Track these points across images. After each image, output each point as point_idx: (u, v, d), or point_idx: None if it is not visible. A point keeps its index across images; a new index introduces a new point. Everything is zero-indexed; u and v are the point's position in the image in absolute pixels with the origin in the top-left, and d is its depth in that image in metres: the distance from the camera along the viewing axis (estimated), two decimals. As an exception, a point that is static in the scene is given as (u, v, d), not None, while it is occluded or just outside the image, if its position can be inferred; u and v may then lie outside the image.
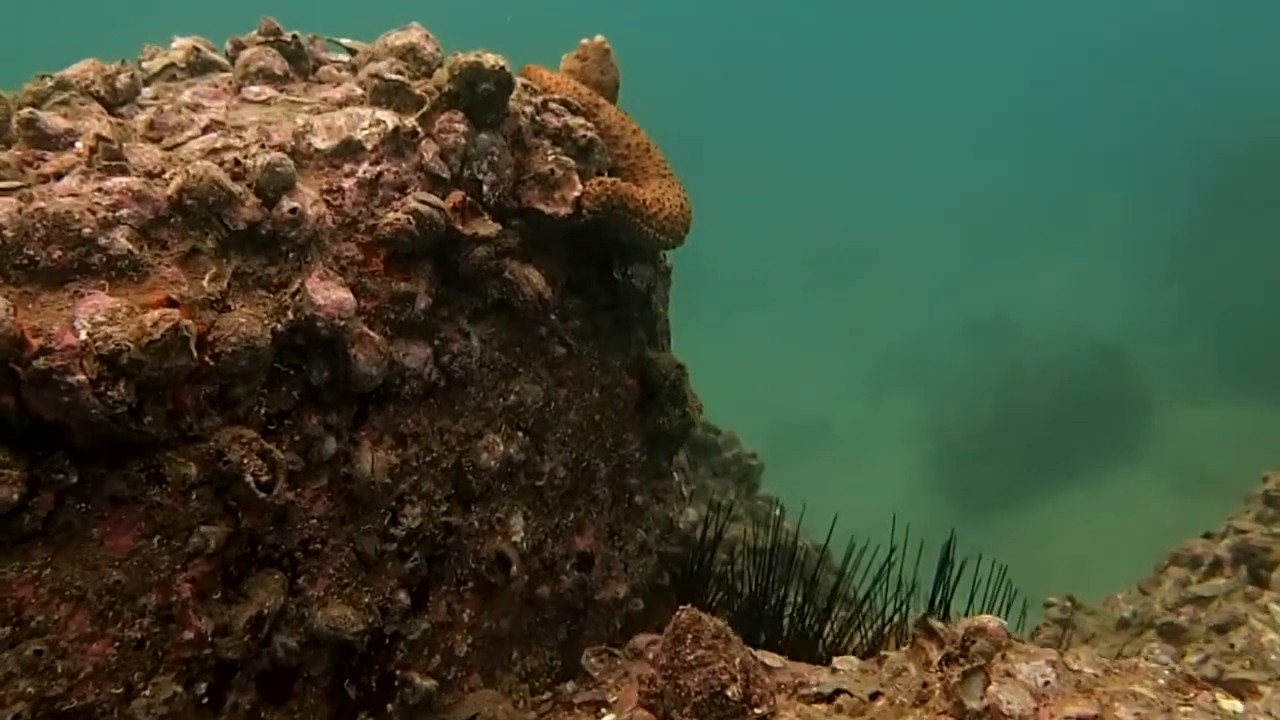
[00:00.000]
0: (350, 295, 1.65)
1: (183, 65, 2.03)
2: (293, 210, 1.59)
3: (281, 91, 1.94)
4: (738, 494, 6.78)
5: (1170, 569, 3.56)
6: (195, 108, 1.84)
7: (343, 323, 1.62)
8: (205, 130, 1.68)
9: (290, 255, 1.63)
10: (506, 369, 2.06)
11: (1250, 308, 16.53)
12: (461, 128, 1.88)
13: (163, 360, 1.36)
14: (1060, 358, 16.89)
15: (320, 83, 2.04)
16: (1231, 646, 2.71)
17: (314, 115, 1.82)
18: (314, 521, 1.69)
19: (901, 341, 20.30)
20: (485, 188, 1.94)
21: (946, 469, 16.09)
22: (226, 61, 2.08)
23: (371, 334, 1.72)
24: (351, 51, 2.17)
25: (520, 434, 2.09)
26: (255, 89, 1.92)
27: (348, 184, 1.75)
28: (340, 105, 1.90)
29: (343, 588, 1.74)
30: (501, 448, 2.02)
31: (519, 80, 2.15)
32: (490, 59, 1.87)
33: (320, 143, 1.76)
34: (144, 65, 2.02)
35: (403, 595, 1.84)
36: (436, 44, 2.03)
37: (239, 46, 2.03)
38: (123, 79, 1.75)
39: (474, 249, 1.87)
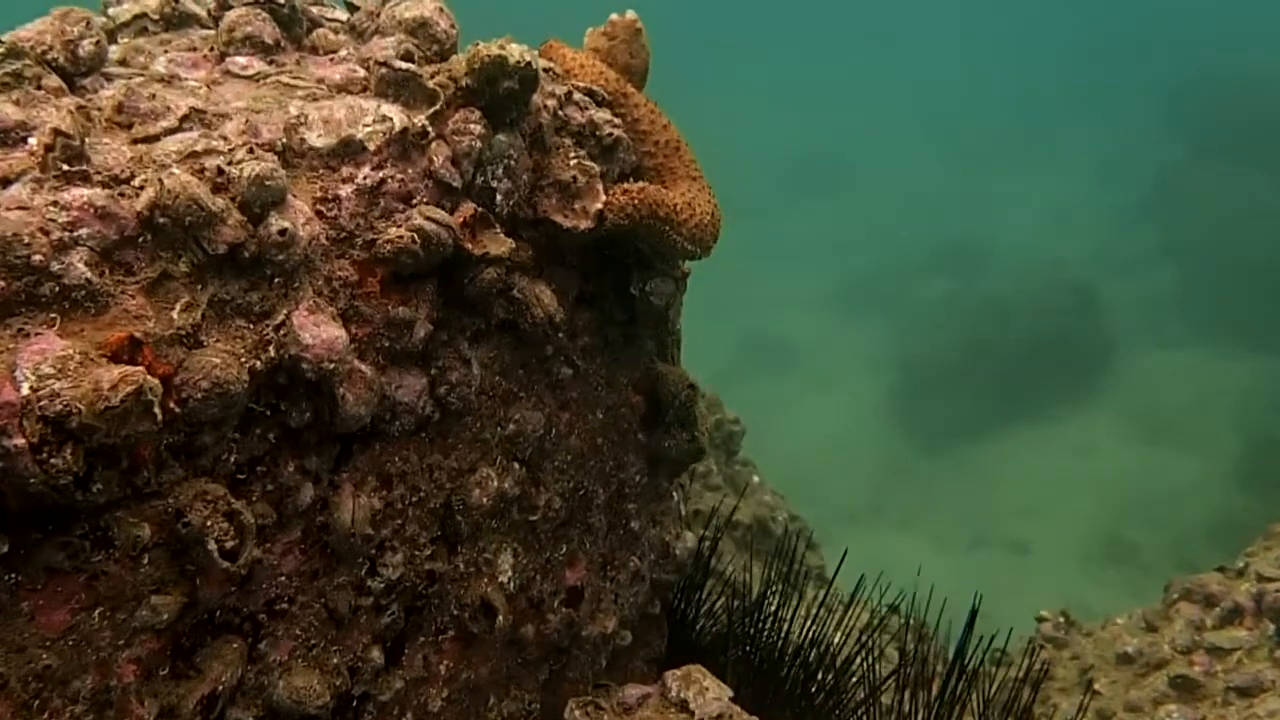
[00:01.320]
0: (343, 333, 1.45)
1: (156, 17, 1.78)
2: (282, 232, 1.38)
3: (272, 64, 1.71)
4: (718, 460, 6.66)
5: (1181, 605, 3.47)
6: (171, 81, 1.61)
7: (332, 365, 1.43)
8: (183, 120, 1.46)
9: (276, 281, 1.42)
10: (506, 395, 1.88)
11: (1223, 252, 16.49)
12: (478, 129, 1.67)
13: (120, 427, 1.16)
14: (1029, 291, 16.95)
15: (316, 52, 1.81)
16: None
17: (309, 102, 1.60)
18: (282, 579, 1.51)
19: (870, 264, 20.28)
20: (499, 197, 1.74)
21: (907, 399, 16.18)
22: (206, 15, 1.84)
23: (363, 368, 1.52)
24: (352, 7, 1.93)
25: (517, 465, 1.91)
26: (242, 60, 1.68)
27: (345, 191, 1.54)
28: (340, 90, 1.68)
29: (309, 649, 1.57)
30: (495, 483, 1.84)
31: (540, 64, 1.93)
32: (516, 53, 1.65)
33: (316, 139, 1.54)
34: (110, 12, 1.78)
35: (375, 653, 1.68)
36: (451, 19, 1.80)
37: (223, 5, 1.78)
38: (86, 45, 1.52)
39: (483, 270, 1.67)
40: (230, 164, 1.39)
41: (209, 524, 1.34)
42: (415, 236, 1.56)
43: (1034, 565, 12.98)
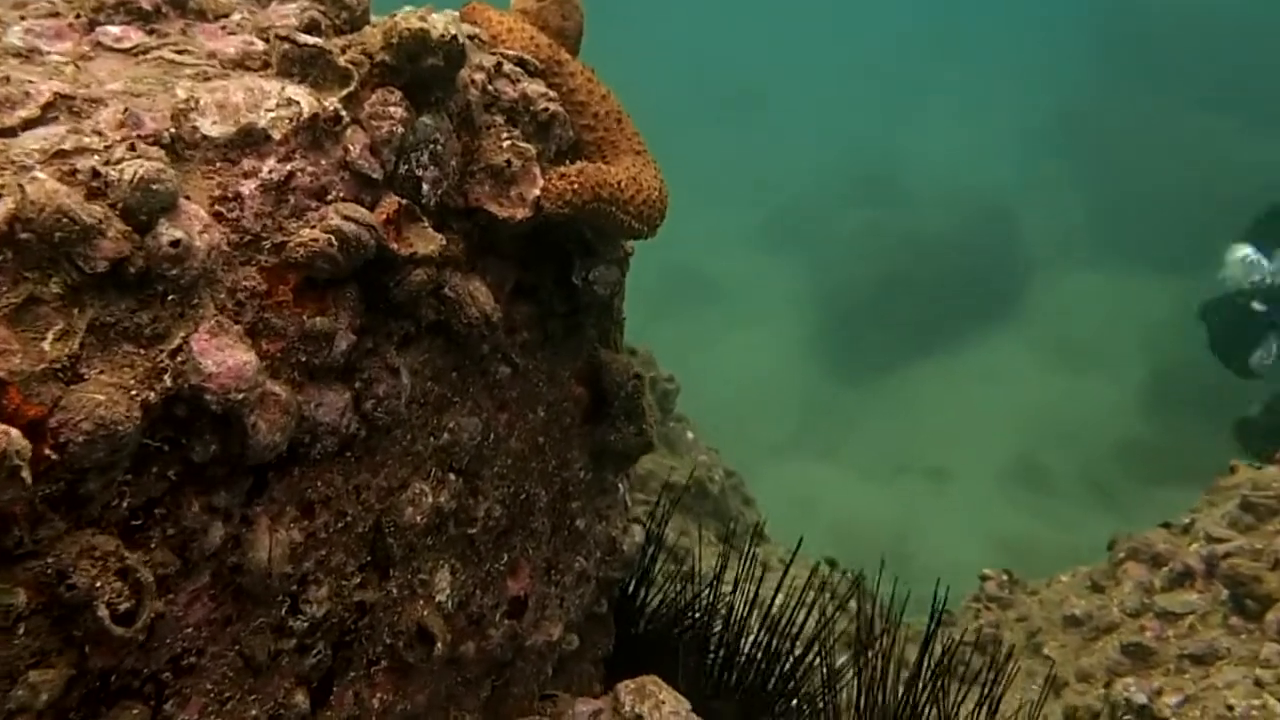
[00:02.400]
0: (252, 356, 1.27)
1: (19, -23, 1.55)
2: (175, 243, 1.20)
3: (152, 34, 1.50)
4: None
5: (1129, 565, 3.44)
6: (29, 57, 1.39)
7: (240, 395, 1.25)
8: (46, 109, 1.25)
9: (170, 299, 1.23)
10: (440, 401, 1.71)
11: (1134, 179, 16.70)
12: (398, 112, 1.48)
13: (-23, 496, 0.98)
14: (945, 222, 17.14)
15: (204, 18, 1.60)
16: (1230, 709, 2.58)
17: (200, 83, 1.40)
18: (189, 630, 1.34)
19: (791, 198, 20.32)
20: (425, 187, 1.56)
21: (829, 332, 16.31)
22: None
23: (276, 390, 1.35)
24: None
25: (453, 477, 1.75)
26: (116, 30, 1.47)
27: (248, 188, 1.35)
28: (235, 66, 1.48)
29: (223, 704, 1.40)
30: (430, 499, 1.68)
31: (465, 32, 1.74)
32: (439, 26, 1.46)
33: (210, 127, 1.34)
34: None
35: (300, 696, 1.52)
36: None
37: (96, -37, 1.56)
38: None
39: (412, 271, 1.50)
40: (108, 164, 1.19)
41: (98, 584, 1.17)
42: (332, 239, 1.38)
43: (954, 491, 13.25)
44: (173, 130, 1.31)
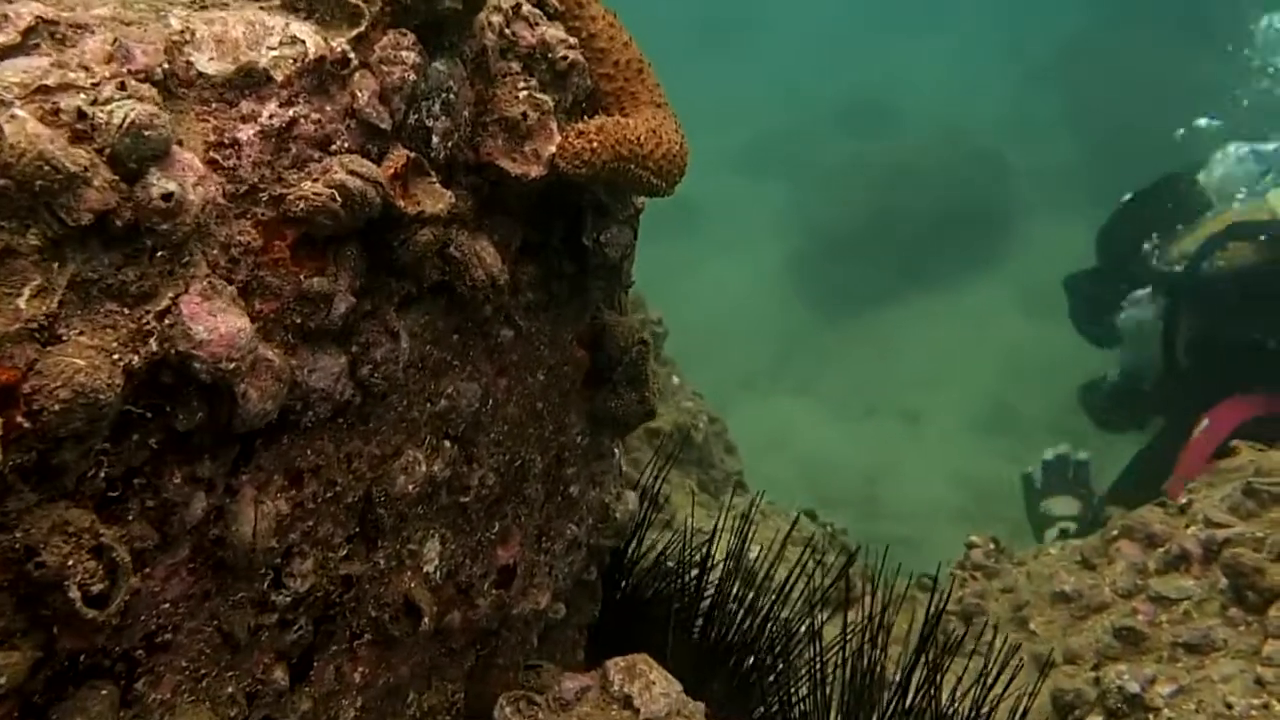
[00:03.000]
0: (245, 322, 1.18)
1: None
2: (167, 196, 1.10)
3: (148, -45, 1.38)
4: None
5: (1122, 544, 3.41)
6: (16, -25, 1.28)
7: (232, 365, 1.16)
8: (27, 35, 1.14)
9: (159, 255, 1.14)
10: (438, 365, 1.63)
11: (1126, 122, 16.49)
12: (411, 57, 1.38)
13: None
14: (934, 158, 17.00)
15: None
16: (1229, 707, 2.56)
17: (196, 12, 1.29)
18: (166, 606, 1.27)
19: (776, 124, 20.11)
20: (435, 139, 1.46)
21: (809, 266, 16.23)
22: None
23: (269, 355, 1.26)
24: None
25: (448, 444, 1.68)
26: (108, -52, 1.35)
27: (246, 134, 1.25)
28: (237, -4, 1.37)
29: (198, 682, 1.34)
30: (423, 467, 1.61)
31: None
32: (462, -36, 1.35)
33: (207, 64, 1.24)
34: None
35: (279, 673, 1.46)
36: None
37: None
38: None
39: (418, 231, 1.41)
40: (95, 104, 1.09)
41: (70, 564, 1.09)
42: (335, 194, 1.28)
43: (924, 434, 13.30)
44: (166, 65, 1.21)
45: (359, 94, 1.34)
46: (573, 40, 1.67)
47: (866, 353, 14.58)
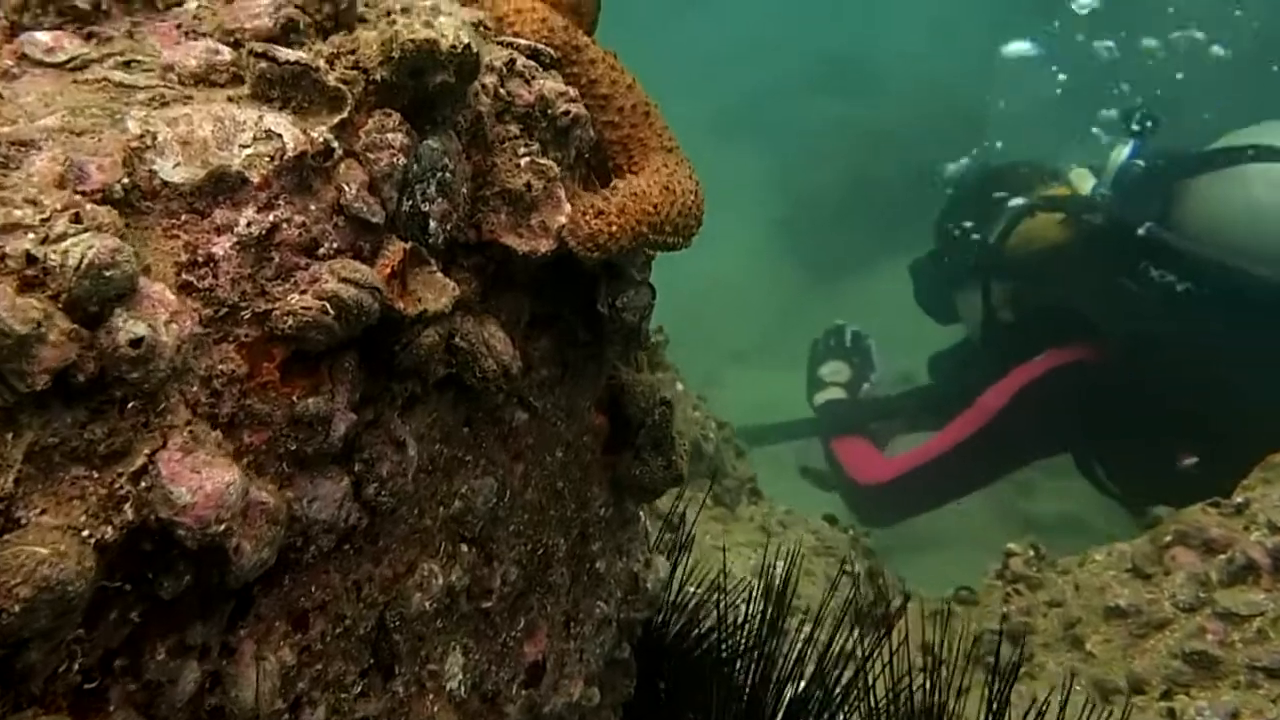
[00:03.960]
0: (234, 474, 1.06)
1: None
2: (136, 341, 0.98)
3: (92, 40, 1.26)
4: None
5: (1177, 552, 3.26)
6: (-53, 80, 1.15)
7: (222, 526, 1.04)
8: (-35, 160, 1.02)
9: (130, 406, 1.02)
10: (450, 464, 1.51)
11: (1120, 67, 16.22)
12: (400, 139, 1.25)
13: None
14: (917, 116, 16.76)
15: (152, 8, 1.35)
16: None
17: (157, 110, 1.17)
18: (167, 790, 1.15)
19: (748, 84, 19.88)
20: (432, 223, 1.33)
21: (794, 233, 16.08)
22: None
23: (263, 498, 1.14)
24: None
25: (465, 548, 1.56)
26: (45, 39, 1.22)
27: (222, 248, 1.13)
28: (199, 82, 1.24)
29: None
30: (440, 579, 1.49)
31: (470, 17, 1.50)
32: (449, 33, 1.22)
33: (173, 171, 1.11)
34: None
35: (296, 832, 1.34)
36: None
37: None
38: None
39: (420, 333, 1.28)
40: (46, 243, 0.96)
41: (47, 781, 0.97)
42: (327, 306, 1.16)
43: None
44: (126, 180, 1.08)
45: (346, 187, 1.21)
46: (573, 92, 1.55)
47: (856, 321, 14.45)
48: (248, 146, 1.15)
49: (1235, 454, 4.61)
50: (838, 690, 2.63)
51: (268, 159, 1.16)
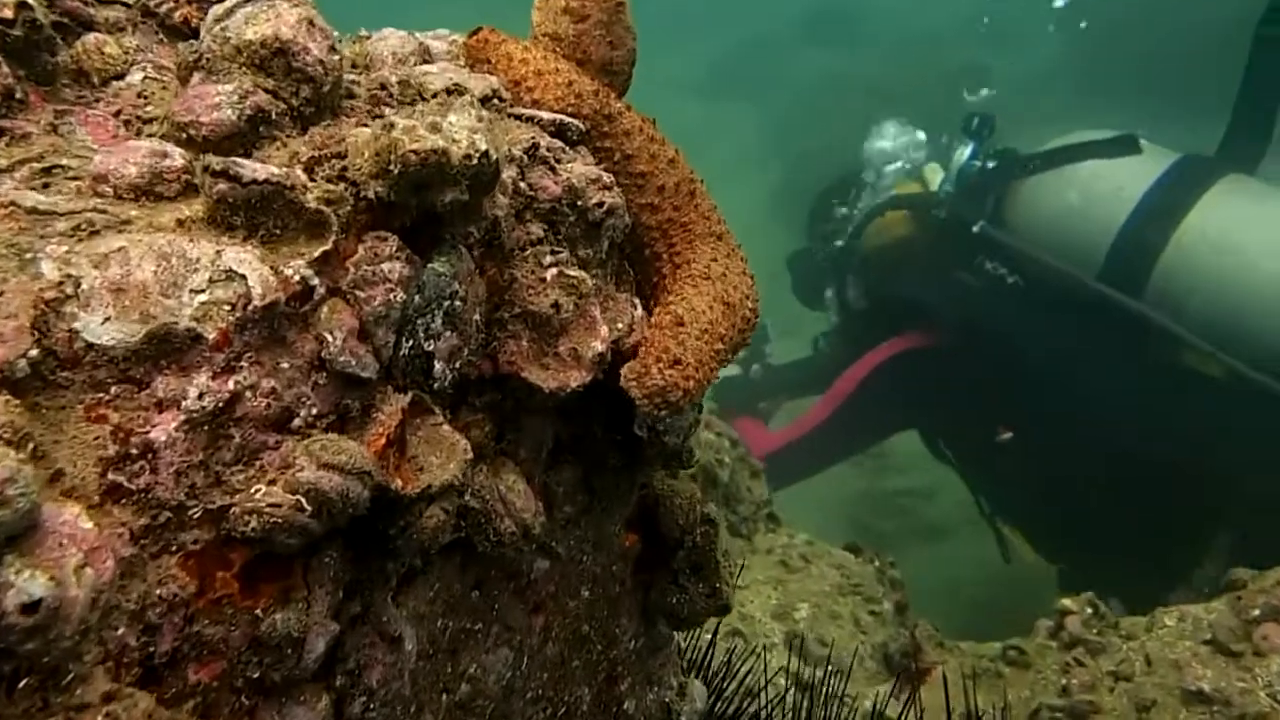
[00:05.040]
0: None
1: None
2: (31, 606, 0.73)
3: (2, 137, 1.01)
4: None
5: (1269, 630, 3.00)
6: None
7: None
8: None
9: (23, 686, 0.77)
10: (456, 639, 1.27)
11: (1114, 14, 15.87)
12: (398, 270, 1.01)
13: None
14: (909, 70, 16.47)
15: (84, 83, 1.10)
16: None
17: (82, 244, 0.92)
18: None
19: (736, 36, 19.62)
20: (438, 364, 1.09)
21: (796, 200, 15.88)
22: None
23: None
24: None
25: (474, 733, 1.31)
26: (-56, 143, 0.97)
27: (163, 431, 0.88)
28: (140, 196, 0.99)
29: None
30: (445, 781, 1.25)
31: (480, 88, 1.26)
32: (463, 140, 0.98)
33: (100, 331, 0.87)
34: None
35: None
36: (326, 37, 1.10)
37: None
38: None
39: (423, 514, 1.04)
40: (-88, 468, 0.71)
41: None
42: (303, 501, 0.91)
43: None
44: (35, 351, 0.83)
45: (330, 336, 0.96)
46: (607, 178, 1.30)
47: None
48: (201, 292, 0.91)
49: (1049, 431, 5.80)
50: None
51: (227, 308, 0.91)
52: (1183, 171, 5.41)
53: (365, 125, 1.06)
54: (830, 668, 4.84)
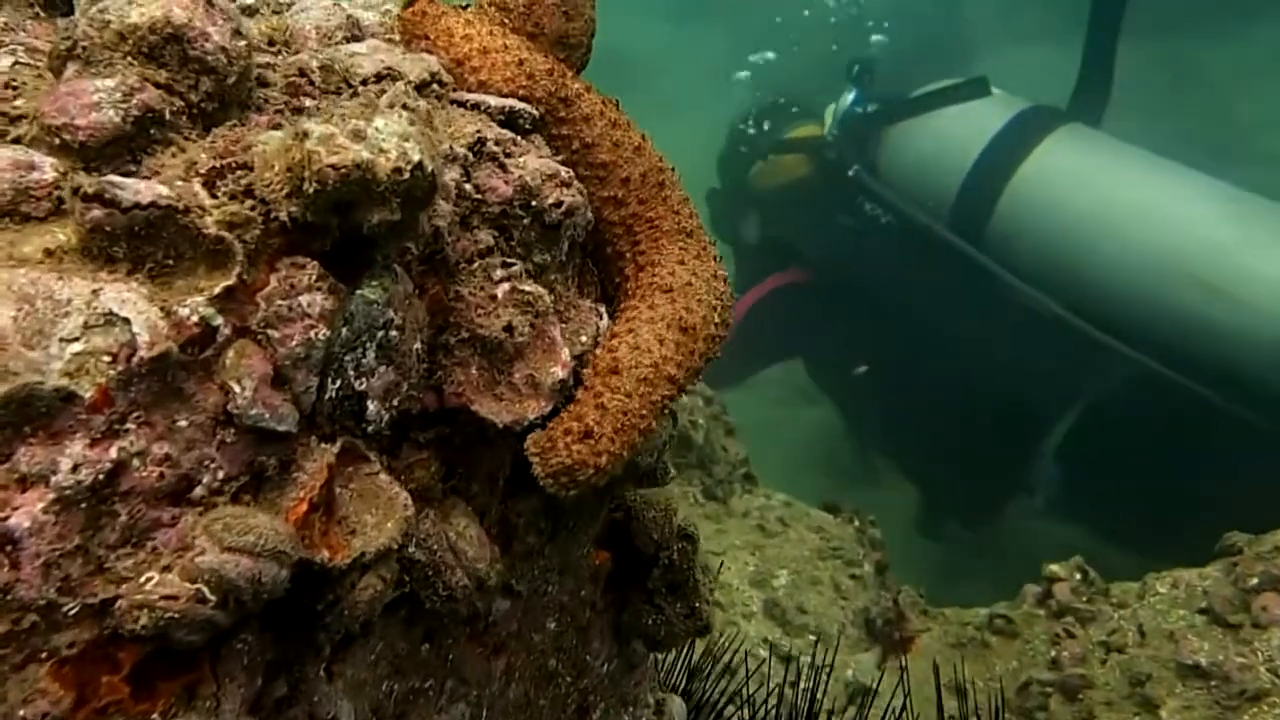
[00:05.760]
0: None
1: None
2: None
3: None
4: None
5: (1268, 600, 2.88)
6: None
7: None
8: None
9: None
10: (404, 700, 1.12)
11: None
12: (319, 303, 0.85)
13: None
14: None
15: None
16: None
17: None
18: None
19: None
20: (371, 405, 0.93)
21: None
22: None
23: None
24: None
25: (428, 801, 1.18)
26: None
27: (27, 517, 0.73)
28: (2, 217, 0.82)
29: None
30: None
31: (420, 70, 1.09)
32: (392, 151, 0.81)
33: (-54, 394, 0.71)
34: None
35: None
36: (229, 16, 0.93)
37: None
38: None
39: (356, 588, 0.89)
40: None
41: None
42: (204, 590, 0.76)
43: None
44: None
45: (237, 386, 0.81)
46: (565, 173, 1.14)
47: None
48: (74, 341, 0.75)
49: (904, 366, 6.25)
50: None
51: (107, 360, 0.75)
52: (1025, 121, 5.74)
53: (277, 128, 0.89)
54: (813, 638, 4.75)
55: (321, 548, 0.84)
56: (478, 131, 1.08)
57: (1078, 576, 3.67)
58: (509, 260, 1.05)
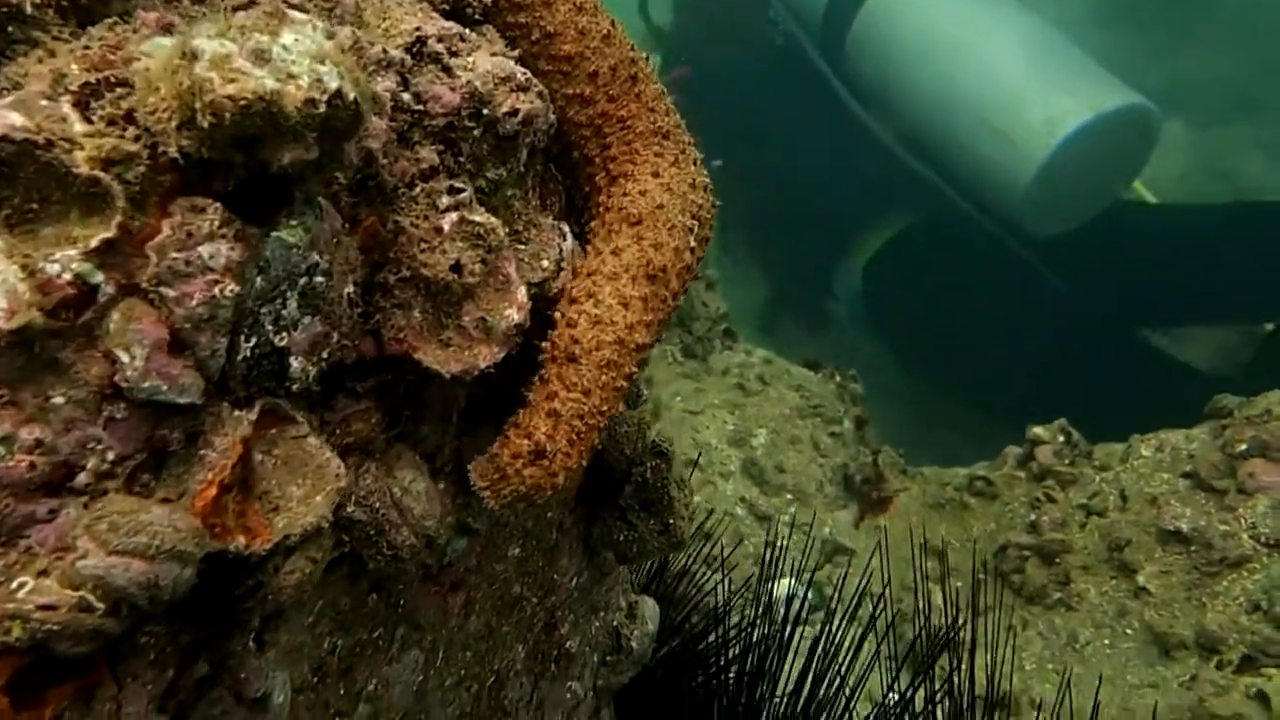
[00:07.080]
0: None
1: None
2: None
3: None
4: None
5: (1255, 465, 2.67)
6: None
7: None
8: None
9: None
10: (350, 656, 1.03)
11: None
12: (224, 252, 0.71)
13: None
14: None
15: None
16: None
17: None
18: None
19: None
20: (294, 361, 0.80)
21: None
22: None
23: None
24: None
25: (380, 752, 1.10)
26: None
27: None
28: None
29: None
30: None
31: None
32: (304, 78, 0.67)
33: None
34: None
35: None
36: None
37: None
38: None
39: (280, 573, 0.78)
40: None
41: None
42: (88, 599, 0.65)
43: None
44: None
45: (125, 355, 0.68)
46: (521, 74, 0.98)
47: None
48: (-83, 312, 0.61)
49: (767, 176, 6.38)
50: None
51: (-42, 336, 0.62)
52: None
53: (168, 30, 0.73)
54: (789, 497, 4.70)
55: (237, 533, 0.73)
56: (417, 28, 0.92)
57: (1061, 439, 3.58)
58: (457, 185, 0.91)
